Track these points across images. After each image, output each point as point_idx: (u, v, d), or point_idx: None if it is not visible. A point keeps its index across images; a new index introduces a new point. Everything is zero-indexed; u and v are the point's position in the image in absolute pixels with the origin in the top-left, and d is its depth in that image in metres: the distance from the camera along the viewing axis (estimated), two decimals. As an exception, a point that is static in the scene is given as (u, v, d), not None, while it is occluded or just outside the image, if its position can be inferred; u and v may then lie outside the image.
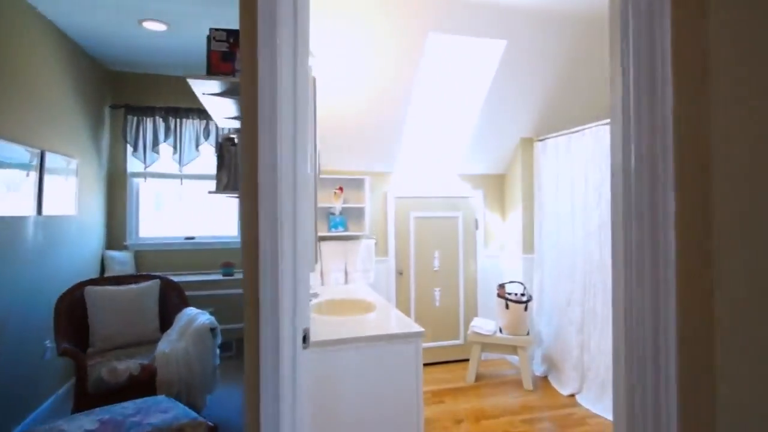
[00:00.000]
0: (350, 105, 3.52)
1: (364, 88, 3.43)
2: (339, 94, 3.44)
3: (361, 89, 3.44)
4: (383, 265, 4.14)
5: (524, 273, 4.18)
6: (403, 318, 2.49)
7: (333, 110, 3.51)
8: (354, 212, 4.02)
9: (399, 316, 2.56)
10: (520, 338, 3.74)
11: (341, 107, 3.51)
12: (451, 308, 4.36)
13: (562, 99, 3.92)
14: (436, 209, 4.31)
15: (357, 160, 3.98)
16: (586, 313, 3.59)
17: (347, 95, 3.45)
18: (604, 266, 3.39)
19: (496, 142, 4.16)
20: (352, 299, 3.02)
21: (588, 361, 3.55)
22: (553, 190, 3.97)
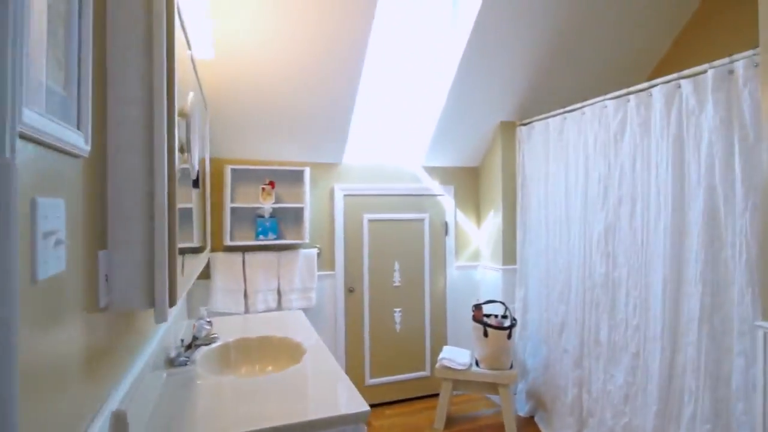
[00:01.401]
0: (283, 77, 2.57)
1: (299, 57, 2.47)
2: (267, 63, 2.50)
3: (296, 58, 2.48)
4: (328, 282, 3.18)
5: (505, 288, 3.29)
6: (338, 377, 1.58)
7: (259, 83, 2.56)
8: (289, 214, 3.04)
9: (334, 372, 1.64)
10: (501, 374, 2.86)
11: (270, 80, 2.57)
12: (415, 333, 3.43)
13: (553, 72, 3.04)
14: (397, 210, 3.38)
15: (293, 147, 3.00)
16: (585, 342, 2.73)
17: (278, 65, 2.51)
18: (613, 283, 2.55)
19: (470, 128, 3.25)
20: (275, 338, 2.07)
21: (589, 404, 2.70)
22: (541, 185, 3.08)
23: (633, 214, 2.45)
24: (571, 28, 2.82)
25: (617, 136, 2.52)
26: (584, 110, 2.72)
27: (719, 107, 2.02)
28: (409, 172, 3.42)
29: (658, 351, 2.27)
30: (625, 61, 3.16)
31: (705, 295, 2.07)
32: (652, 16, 2.94)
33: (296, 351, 1.92)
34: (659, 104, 2.29)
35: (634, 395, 2.44)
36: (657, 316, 2.29)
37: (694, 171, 2.14)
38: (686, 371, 2.15)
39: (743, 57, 1.94)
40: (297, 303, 2.96)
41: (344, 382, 1.55)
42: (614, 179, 2.54)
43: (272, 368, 1.96)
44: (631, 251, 2.46)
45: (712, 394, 2.03)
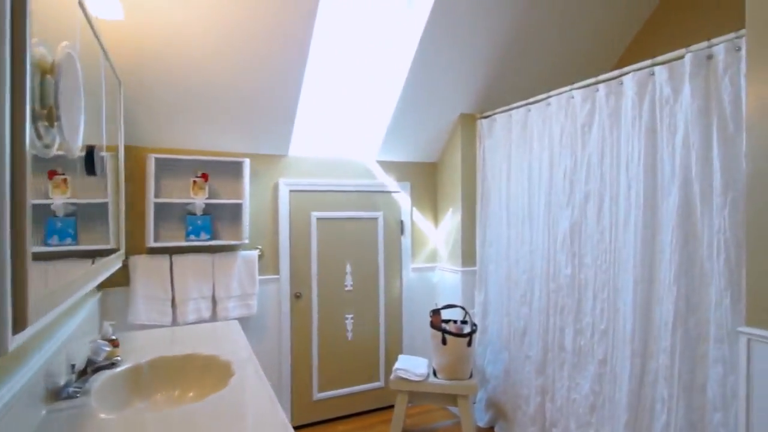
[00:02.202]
0: (218, 54, 2.18)
1: (237, 32, 2.10)
2: (198, 36, 2.09)
3: (234, 32, 2.10)
4: (272, 287, 2.79)
5: (464, 291, 3.02)
6: (268, 407, 1.24)
7: (188, 59, 2.15)
8: (226, 211, 2.62)
9: (264, 400, 1.29)
10: (461, 384, 2.59)
11: (203, 56, 2.16)
12: (368, 341, 3.09)
13: (517, 60, 2.79)
14: (349, 207, 3.02)
15: (231, 136, 2.58)
16: (549, 347, 2.51)
17: (211, 39, 2.11)
18: (579, 285, 2.32)
19: (428, 120, 2.96)
20: (200, 357, 1.67)
21: (552, 413, 2.47)
22: (503, 182, 2.82)
23: (601, 211, 2.23)
24: (535, 13, 2.58)
25: (585, 128, 2.30)
26: (549, 101, 2.48)
27: (696, 95, 1.82)
28: (362, 166, 3.08)
29: (628, 357, 2.06)
30: (592, 48, 2.97)
31: (679, 298, 1.86)
32: (613, 5, 2.75)
33: (223, 372, 1.55)
34: (631, 93, 2.08)
35: (601, 405, 2.22)
36: (627, 320, 2.08)
37: (668, 164, 1.94)
38: (658, 379, 1.95)
39: (724, 40, 1.75)
40: (235, 311, 2.56)
41: (274, 415, 1.20)
42: (581, 174, 2.31)
43: (194, 394, 1.58)
44: (598, 251, 2.24)
45: (687, 404, 1.83)
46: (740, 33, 1.68)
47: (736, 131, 1.71)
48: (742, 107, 1.68)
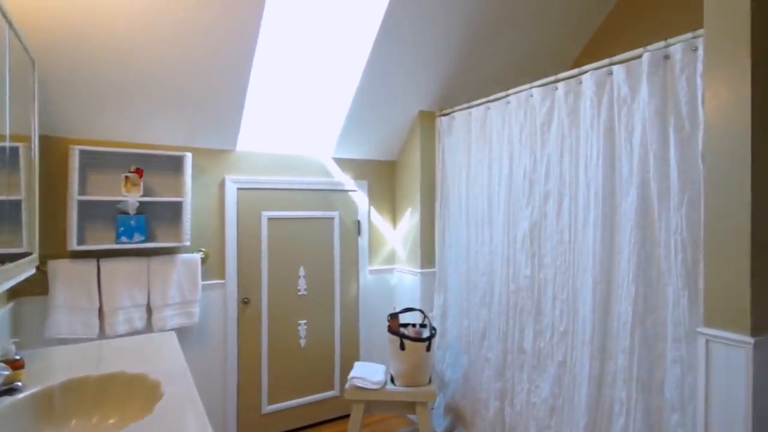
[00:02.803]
0: (158, 40, 1.94)
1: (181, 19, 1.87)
2: (131, 10, 1.84)
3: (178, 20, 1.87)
4: (217, 292, 2.56)
5: (423, 293, 2.91)
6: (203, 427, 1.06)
7: (119, 38, 1.90)
8: (164, 210, 2.37)
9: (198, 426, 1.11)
10: (419, 391, 2.47)
11: (136, 35, 1.91)
12: (323, 348, 2.91)
13: (476, 57, 2.72)
14: (303, 207, 2.84)
15: (170, 128, 2.34)
16: (509, 350, 2.43)
17: (146, 15, 1.87)
18: (538, 285, 2.26)
19: (386, 117, 2.83)
20: (126, 376, 1.44)
21: (512, 418, 2.39)
22: (463, 180, 2.74)
23: (560, 210, 2.18)
24: (494, 10, 2.51)
25: (544, 126, 2.25)
26: (509, 99, 2.41)
27: (654, 95, 1.80)
28: (317, 164, 2.91)
29: (587, 359, 2.01)
30: (550, 46, 2.94)
31: (637, 298, 1.83)
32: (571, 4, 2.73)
33: (151, 394, 1.35)
34: (589, 92, 2.03)
35: (560, 407, 2.17)
36: (586, 321, 2.03)
37: (626, 164, 1.91)
38: (617, 380, 1.90)
39: (681, 41, 1.73)
40: (174, 320, 2.32)
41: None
42: (540, 173, 2.26)
43: (115, 421, 1.36)
44: (558, 251, 2.19)
45: (645, 405, 1.80)
46: (697, 33, 1.66)
47: (692, 131, 1.69)
48: (698, 107, 1.66)
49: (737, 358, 1.46)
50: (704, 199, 1.58)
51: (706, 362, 1.55)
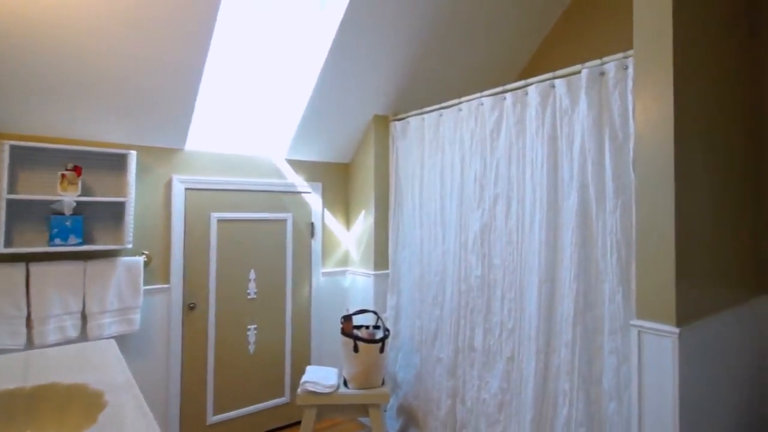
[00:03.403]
0: (101, 30, 1.83)
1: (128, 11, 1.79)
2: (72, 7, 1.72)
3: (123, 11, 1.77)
4: (160, 297, 2.44)
5: (376, 295, 2.93)
6: None
7: (56, 23, 1.77)
8: (104, 211, 2.24)
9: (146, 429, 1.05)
10: (373, 393, 2.48)
11: (76, 21, 1.79)
12: (273, 353, 2.85)
13: (429, 65, 2.81)
14: (254, 208, 2.78)
15: (113, 124, 2.22)
16: (460, 348, 2.51)
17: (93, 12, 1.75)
18: (488, 285, 2.36)
19: (341, 120, 2.85)
20: (61, 387, 1.33)
21: (463, 415, 2.46)
22: (416, 184, 2.81)
23: (508, 213, 2.30)
24: (446, 20, 2.62)
25: (493, 133, 2.36)
26: (461, 107, 2.52)
27: (591, 108, 1.96)
28: (270, 165, 2.86)
29: (533, 353, 2.12)
30: (499, 58, 3.10)
31: (578, 295, 1.96)
32: (522, 14, 2.89)
33: (92, 404, 1.25)
34: (534, 103, 2.17)
35: (508, 402, 2.27)
36: (532, 317, 2.15)
37: (567, 170, 2.05)
38: (560, 373, 2.03)
39: (614, 59, 1.90)
40: (112, 328, 2.18)
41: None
42: (490, 178, 2.37)
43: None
44: (506, 252, 2.30)
45: (586, 396, 1.93)
46: (628, 53, 1.83)
47: (625, 141, 1.85)
48: (629, 119, 1.83)
49: (665, 346, 1.61)
50: (635, 204, 1.74)
51: (638, 351, 1.69)
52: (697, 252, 1.72)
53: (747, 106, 2.11)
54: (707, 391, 1.75)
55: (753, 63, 2.15)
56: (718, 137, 1.89)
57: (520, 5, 2.80)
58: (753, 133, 2.15)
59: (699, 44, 1.78)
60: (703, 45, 1.81)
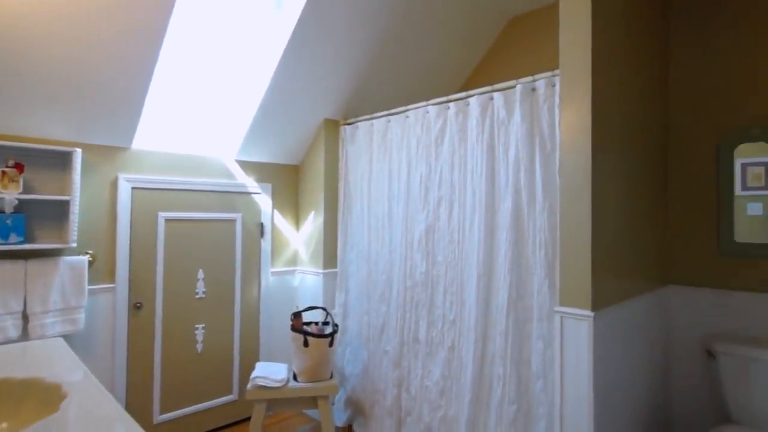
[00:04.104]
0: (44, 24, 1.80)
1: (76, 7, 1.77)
2: None
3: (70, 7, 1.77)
4: (105, 297, 2.42)
5: (325, 293, 3.06)
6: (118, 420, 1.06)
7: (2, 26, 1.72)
8: (47, 209, 2.20)
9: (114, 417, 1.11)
10: (322, 385, 2.59)
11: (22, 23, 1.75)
12: (221, 352, 2.89)
13: (379, 74, 2.98)
14: (203, 208, 2.80)
15: (57, 121, 2.18)
16: (405, 341, 2.69)
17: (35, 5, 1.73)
18: (432, 281, 2.56)
19: (292, 123, 2.94)
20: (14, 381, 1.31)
21: (408, 402, 2.65)
22: (365, 186, 2.97)
23: (451, 214, 2.51)
24: (396, 32, 2.81)
25: (438, 140, 2.57)
26: (408, 114, 2.71)
27: (524, 119, 2.20)
28: (219, 165, 2.91)
29: (472, 342, 2.35)
30: (442, 71, 3.32)
31: (511, 288, 2.21)
32: (465, 29, 3.12)
33: (51, 395, 1.26)
34: (475, 113, 2.40)
35: (449, 388, 2.48)
36: (471, 309, 2.37)
37: (503, 175, 2.29)
38: (495, 359, 2.26)
39: (543, 77, 2.16)
40: (55, 328, 2.15)
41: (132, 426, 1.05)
42: (435, 182, 2.57)
43: (9, 425, 1.25)
44: (448, 250, 2.51)
45: (517, 378, 2.18)
46: (555, 72, 2.08)
47: (552, 150, 2.11)
48: (556, 131, 2.07)
49: (582, 328, 1.87)
50: (560, 206, 1.99)
51: (560, 334, 1.94)
52: (611, 248, 2.01)
53: (656, 120, 2.47)
54: (619, 368, 2.04)
55: (662, 82, 2.52)
56: (631, 147, 2.20)
57: (464, 21, 3.05)
58: (661, 143, 2.51)
59: (615, 66, 2.07)
60: (618, 66, 2.10)
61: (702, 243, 2.45)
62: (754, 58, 2.30)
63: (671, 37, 2.57)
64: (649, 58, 2.41)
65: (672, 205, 2.56)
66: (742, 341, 2.23)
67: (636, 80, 2.28)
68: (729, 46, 2.37)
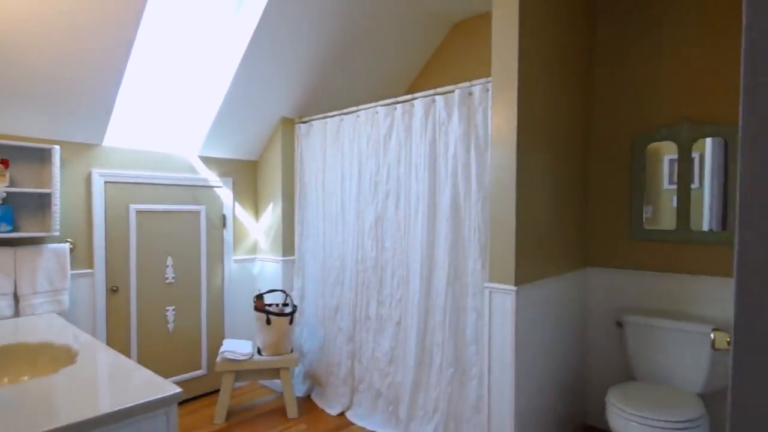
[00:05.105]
0: (26, 30, 2.16)
1: (53, 10, 2.13)
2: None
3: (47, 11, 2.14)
4: (85, 281, 2.79)
5: (284, 278, 3.50)
6: (134, 367, 1.47)
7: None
8: (30, 201, 2.54)
9: (126, 364, 1.50)
10: (284, 358, 3.07)
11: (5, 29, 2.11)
12: (190, 332, 3.30)
13: (332, 76, 3.40)
14: (170, 201, 3.19)
15: (37, 121, 2.51)
16: (358, 318, 3.17)
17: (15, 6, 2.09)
18: (381, 265, 3.03)
19: (251, 121, 3.34)
20: (26, 346, 1.69)
21: (360, 372, 3.14)
22: (319, 180, 3.41)
23: (398, 205, 2.95)
24: (348, 37, 3.23)
25: (386, 138, 3.00)
26: (359, 113, 3.15)
27: (462, 120, 2.58)
28: (184, 161, 3.27)
29: (416, 317, 2.79)
30: (390, 74, 3.75)
31: (450, 268, 2.64)
32: (412, 35, 3.54)
33: (63, 354, 1.61)
34: (419, 114, 2.80)
35: (396, 357, 2.94)
36: (415, 289, 2.82)
37: (443, 170, 2.70)
38: (435, 329, 2.71)
39: (479, 83, 2.53)
40: (44, 308, 2.50)
41: (142, 371, 1.42)
42: (383, 176, 3.01)
43: (29, 377, 1.60)
44: (396, 237, 2.95)
45: (454, 345, 2.63)
46: (488, 79, 2.45)
47: (485, 148, 2.50)
48: (489, 131, 2.45)
49: (506, 300, 2.32)
50: (491, 198, 2.40)
51: (489, 306, 2.39)
52: (534, 234, 2.45)
53: (580, 120, 2.90)
54: (540, 335, 2.51)
55: (586, 85, 2.96)
56: (555, 145, 2.61)
57: (411, 27, 3.48)
58: (583, 142, 2.95)
59: (541, 73, 2.46)
60: (544, 73, 2.49)
61: (616, 230, 2.92)
62: (660, 68, 2.75)
63: (596, 45, 3.00)
64: (574, 64, 2.82)
65: (592, 197, 3.02)
66: (645, 313, 2.73)
67: (561, 84, 2.67)
68: (643, 53, 2.81)
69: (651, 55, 2.83)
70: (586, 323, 3.06)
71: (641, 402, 2.29)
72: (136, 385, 1.33)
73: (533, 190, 2.46)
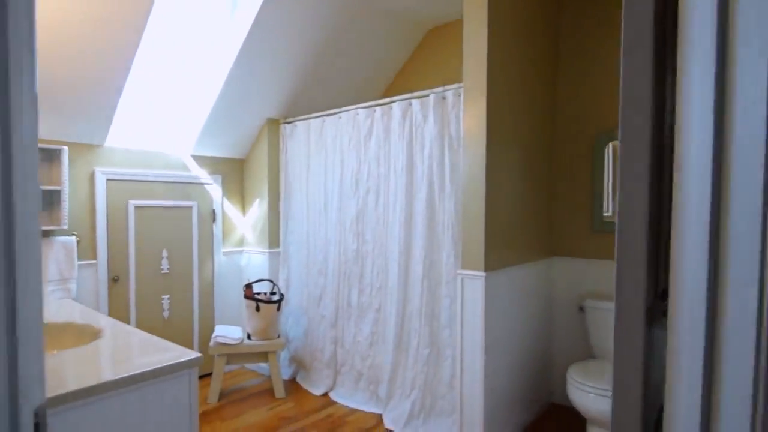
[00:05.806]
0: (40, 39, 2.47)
1: (66, 21, 2.43)
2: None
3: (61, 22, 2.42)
4: (89, 271, 3.13)
5: (270, 269, 3.87)
6: (156, 340, 1.83)
7: None
8: (42, 197, 2.85)
9: (149, 338, 1.84)
10: (272, 342, 3.47)
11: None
12: (184, 318, 3.66)
13: (316, 79, 3.74)
14: (165, 197, 3.54)
15: (47, 123, 2.84)
16: (340, 306, 3.53)
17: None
18: (362, 256, 3.37)
19: (240, 121, 3.69)
20: (55, 325, 2.02)
21: (342, 355, 3.52)
22: (303, 178, 3.77)
23: (377, 201, 3.27)
24: (330, 44, 3.57)
25: (366, 138, 3.32)
26: (341, 115, 3.49)
27: (437, 122, 2.90)
28: (177, 160, 3.62)
29: (395, 304, 3.13)
30: (369, 78, 4.09)
31: (425, 259, 2.97)
32: (389, 41, 3.87)
33: (87, 332, 1.91)
34: (397, 116, 3.12)
35: (376, 341, 3.28)
36: (394, 278, 3.15)
37: (419, 168, 3.02)
38: (413, 315, 3.04)
39: (452, 88, 2.83)
40: (55, 294, 2.85)
41: (165, 342, 1.76)
42: (363, 174, 3.33)
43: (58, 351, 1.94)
44: (376, 230, 3.28)
45: (429, 329, 2.96)
46: (460, 84, 2.73)
47: (458, 148, 2.80)
48: (461, 132, 2.75)
49: (477, 285, 2.63)
50: (462, 193, 2.71)
51: (461, 291, 2.70)
52: (502, 225, 2.76)
53: (546, 120, 3.23)
54: (508, 317, 2.82)
55: (551, 87, 3.28)
56: (522, 145, 2.92)
57: (388, 33, 3.81)
58: (549, 141, 3.28)
59: (509, 79, 2.75)
60: (512, 79, 2.77)
61: (580, 222, 3.25)
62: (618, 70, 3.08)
63: (559, 50, 3.33)
64: (540, 68, 3.13)
65: (557, 193, 3.35)
66: (604, 298, 3.07)
67: (527, 87, 2.97)
68: (602, 57, 3.15)
69: (610, 58, 3.11)
70: (551, 308, 3.40)
71: (599, 376, 2.62)
72: (162, 351, 1.68)
73: (501, 185, 2.74)
